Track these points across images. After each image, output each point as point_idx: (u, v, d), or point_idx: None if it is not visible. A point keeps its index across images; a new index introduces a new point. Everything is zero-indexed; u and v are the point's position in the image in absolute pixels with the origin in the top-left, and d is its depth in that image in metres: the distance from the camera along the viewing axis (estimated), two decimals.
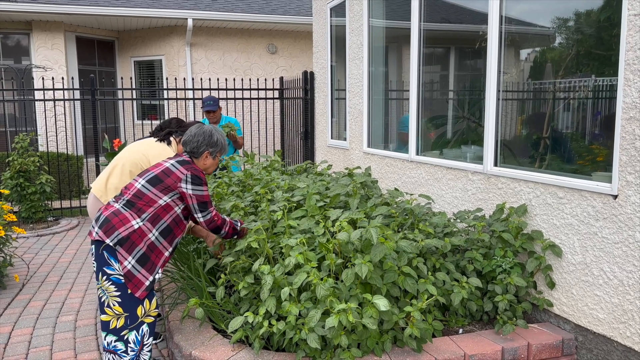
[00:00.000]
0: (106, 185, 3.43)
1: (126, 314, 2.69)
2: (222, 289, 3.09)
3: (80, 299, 4.49)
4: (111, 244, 2.65)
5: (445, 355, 2.71)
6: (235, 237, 3.11)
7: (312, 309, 2.58)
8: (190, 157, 2.94)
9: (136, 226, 2.70)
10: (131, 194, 2.78)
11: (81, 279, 5.03)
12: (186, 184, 2.79)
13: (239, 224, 3.13)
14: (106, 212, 2.74)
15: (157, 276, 2.77)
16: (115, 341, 2.70)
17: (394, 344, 2.81)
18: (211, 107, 5.87)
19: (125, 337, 2.71)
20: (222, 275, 3.14)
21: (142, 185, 2.79)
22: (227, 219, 3.02)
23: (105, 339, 2.72)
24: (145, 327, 2.77)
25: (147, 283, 2.71)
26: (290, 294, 2.77)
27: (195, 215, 2.88)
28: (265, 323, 2.68)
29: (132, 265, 2.67)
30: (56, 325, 3.93)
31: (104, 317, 2.70)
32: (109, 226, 2.68)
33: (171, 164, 2.85)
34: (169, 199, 2.78)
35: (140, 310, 2.73)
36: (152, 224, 2.74)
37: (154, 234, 2.74)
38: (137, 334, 2.73)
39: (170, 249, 2.85)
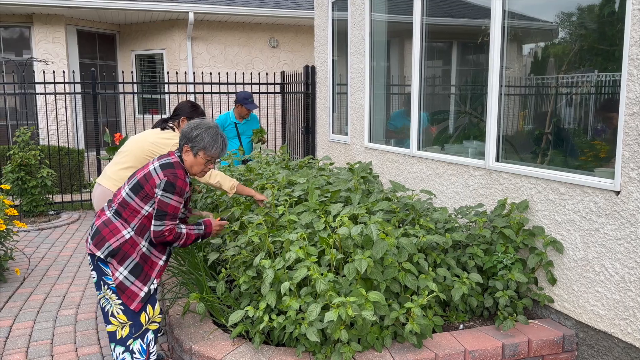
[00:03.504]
0: (121, 176, 3.45)
1: (130, 322, 2.62)
2: (222, 283, 3.08)
3: (81, 292, 4.49)
4: (102, 256, 2.57)
5: (445, 351, 2.70)
6: (200, 240, 2.85)
7: (312, 304, 2.58)
8: (180, 154, 2.75)
9: (127, 236, 2.60)
10: (117, 203, 2.66)
11: (82, 273, 5.03)
12: (159, 189, 2.60)
13: (202, 228, 2.82)
14: (98, 221, 2.66)
15: (152, 287, 2.66)
16: (123, 352, 2.63)
17: (394, 340, 2.81)
18: (254, 106, 5.93)
19: (131, 347, 2.63)
20: (223, 270, 3.14)
21: (127, 193, 2.66)
22: (184, 231, 2.71)
23: (114, 351, 2.64)
24: (150, 335, 2.70)
25: (142, 294, 2.62)
26: (290, 289, 2.77)
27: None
28: (266, 317, 2.68)
29: (124, 276, 2.58)
30: (57, 319, 3.93)
31: (109, 328, 2.63)
32: (99, 238, 2.59)
33: (153, 168, 2.67)
34: (150, 208, 2.63)
35: (144, 318, 2.66)
36: (140, 234, 2.63)
37: (144, 245, 2.64)
38: (142, 343, 2.66)
39: (164, 257, 2.73)
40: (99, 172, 8.11)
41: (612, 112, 2.78)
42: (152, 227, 2.61)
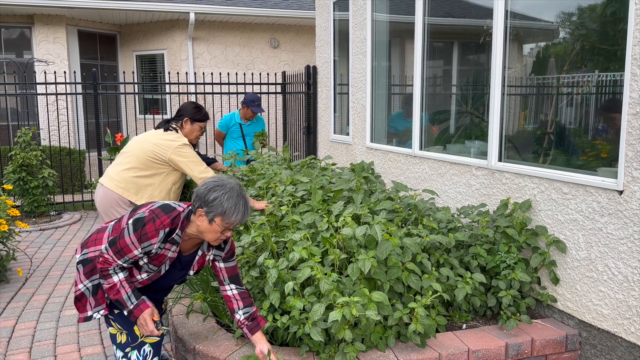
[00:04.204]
0: (124, 177, 3.45)
1: (126, 331, 2.49)
2: None
3: None
4: (77, 260, 2.45)
5: (449, 351, 2.70)
6: (126, 313, 2.38)
7: (315, 303, 2.58)
8: (190, 212, 2.37)
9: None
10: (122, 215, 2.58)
11: None
12: (132, 218, 2.31)
13: (132, 302, 2.33)
14: (105, 224, 2.59)
15: (95, 315, 2.46)
16: (122, 357, 2.52)
17: (397, 339, 2.81)
18: (260, 109, 5.89)
19: (129, 355, 2.52)
20: None
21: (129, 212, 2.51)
22: (116, 280, 2.30)
23: (115, 353, 2.54)
24: (147, 348, 2.53)
25: (88, 314, 2.46)
26: (294, 289, 2.77)
27: None
28: (269, 317, 2.68)
29: (87, 288, 2.44)
30: (59, 319, 3.94)
31: (111, 330, 2.53)
32: (86, 241, 2.49)
33: (158, 203, 2.38)
34: None
35: (137, 330, 2.50)
36: None
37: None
38: (138, 354, 2.51)
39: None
40: (100, 173, 8.12)
41: (614, 112, 2.79)
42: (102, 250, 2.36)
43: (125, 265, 2.31)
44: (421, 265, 2.99)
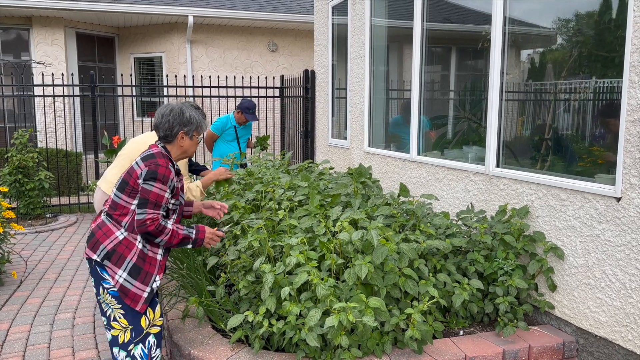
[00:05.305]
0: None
1: (131, 327, 2.56)
2: (222, 287, 3.07)
3: (79, 296, 4.47)
4: (99, 259, 2.52)
5: (445, 357, 2.69)
6: (190, 246, 2.69)
7: (312, 309, 2.56)
8: (164, 144, 2.69)
9: (121, 237, 2.54)
10: (108, 205, 2.63)
11: (79, 276, 5.00)
12: (140, 178, 2.54)
13: (192, 231, 2.68)
14: (93, 224, 2.64)
15: (154, 285, 2.58)
16: (125, 357, 2.57)
17: (394, 345, 2.79)
18: (254, 118, 5.92)
19: (132, 352, 2.57)
20: (222, 274, 3.12)
21: (115, 194, 2.61)
22: (170, 226, 2.59)
23: (118, 355, 2.58)
24: (151, 339, 2.62)
25: (145, 295, 2.55)
26: (290, 294, 2.75)
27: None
28: (265, 322, 2.67)
29: (124, 279, 2.52)
30: (54, 322, 3.91)
31: (113, 332, 2.57)
32: (94, 241, 2.55)
33: (135, 162, 2.61)
34: (137, 201, 2.56)
35: (144, 321, 2.59)
36: (133, 231, 2.56)
37: (139, 241, 2.56)
38: (143, 347, 2.59)
39: (161, 251, 2.63)
40: (97, 175, 8.09)
41: (612, 119, 2.78)
42: (135, 217, 2.53)
43: (163, 213, 2.60)
44: (418, 271, 2.98)
